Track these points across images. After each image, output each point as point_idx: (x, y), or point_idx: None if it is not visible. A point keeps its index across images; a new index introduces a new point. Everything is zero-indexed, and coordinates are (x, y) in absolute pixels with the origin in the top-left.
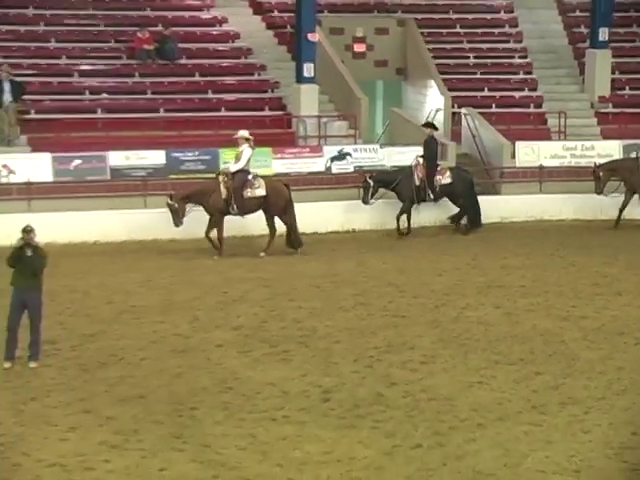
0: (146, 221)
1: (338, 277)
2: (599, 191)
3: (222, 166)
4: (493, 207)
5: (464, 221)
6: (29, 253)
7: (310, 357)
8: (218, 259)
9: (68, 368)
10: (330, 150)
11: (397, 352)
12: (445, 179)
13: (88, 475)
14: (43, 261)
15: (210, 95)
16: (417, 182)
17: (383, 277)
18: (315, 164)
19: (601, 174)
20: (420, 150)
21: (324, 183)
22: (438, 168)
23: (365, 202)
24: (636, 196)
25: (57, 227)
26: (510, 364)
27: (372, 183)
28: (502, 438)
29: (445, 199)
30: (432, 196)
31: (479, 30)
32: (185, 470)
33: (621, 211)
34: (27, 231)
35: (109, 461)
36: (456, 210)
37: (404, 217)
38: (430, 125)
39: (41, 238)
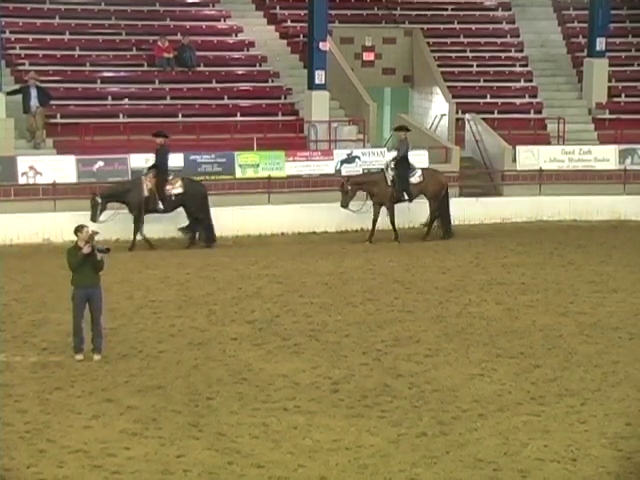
0: (166, 220)
1: (346, 274)
2: (345, 204)
3: (237, 168)
4: (495, 208)
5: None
6: (99, 257)
7: (320, 350)
8: None
9: (91, 360)
10: (340, 153)
11: (403, 345)
12: (176, 189)
13: (110, 461)
14: (103, 259)
15: (226, 101)
16: (146, 192)
17: (389, 274)
18: (326, 166)
19: (349, 188)
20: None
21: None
22: (169, 178)
23: (94, 220)
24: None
25: None
26: (510, 357)
27: (100, 200)
28: (502, 428)
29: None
30: (162, 206)
31: (482, 40)
32: (201, 457)
33: (374, 224)
34: (93, 237)
35: (129, 448)
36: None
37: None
38: (160, 135)
39: (66, 236)
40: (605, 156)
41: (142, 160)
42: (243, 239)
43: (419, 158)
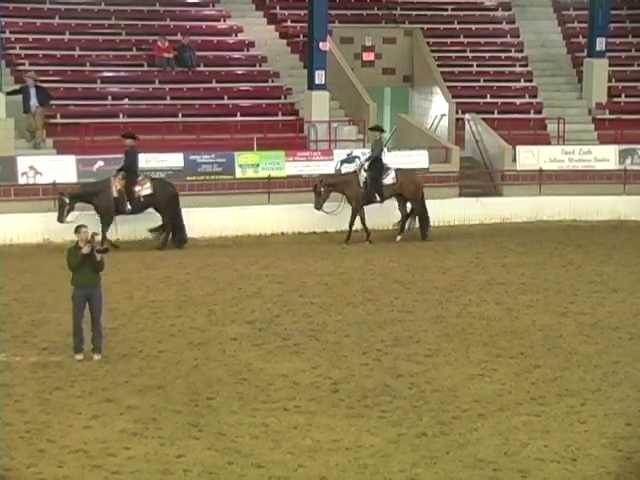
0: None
1: (346, 274)
2: (318, 206)
3: (237, 168)
4: (495, 208)
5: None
6: (99, 258)
7: (320, 350)
8: None
9: (91, 359)
10: (340, 153)
11: (403, 345)
12: (145, 190)
13: (110, 461)
14: (103, 260)
15: (226, 101)
16: (115, 194)
17: (389, 274)
18: (326, 167)
19: (322, 189)
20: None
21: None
22: (138, 179)
23: (60, 221)
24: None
25: None
26: (510, 357)
27: (68, 200)
28: (502, 428)
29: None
30: (130, 208)
31: (482, 40)
32: (201, 457)
33: (364, 225)
34: (93, 238)
35: (129, 448)
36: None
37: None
38: (129, 136)
39: (66, 236)
40: (605, 156)
41: (142, 160)
42: (243, 239)
43: (419, 158)
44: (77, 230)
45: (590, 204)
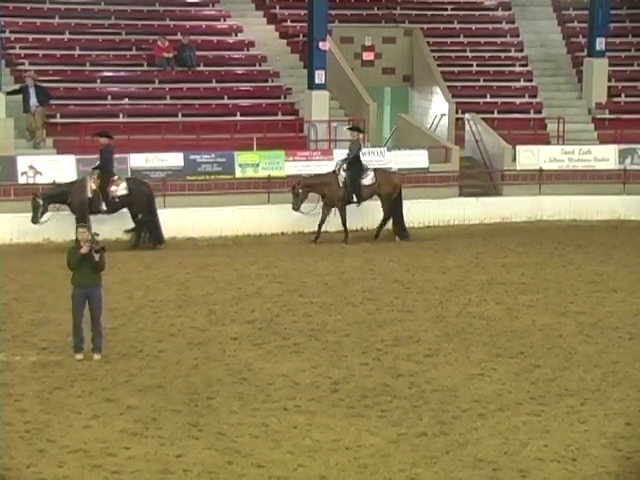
0: (165, 220)
1: (346, 274)
2: (296, 207)
3: (237, 168)
4: (495, 208)
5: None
6: (97, 258)
7: (320, 350)
8: None
9: (91, 359)
10: (340, 153)
11: (403, 345)
12: (121, 190)
13: (110, 461)
14: (103, 259)
15: (226, 100)
16: (89, 193)
17: (389, 274)
18: (326, 166)
19: (300, 190)
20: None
21: None
22: (114, 178)
23: (34, 222)
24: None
25: None
26: (510, 357)
27: (42, 201)
28: (502, 427)
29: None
30: (105, 208)
31: (482, 40)
32: (201, 457)
33: (320, 226)
34: (94, 238)
35: (129, 448)
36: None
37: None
38: (104, 135)
39: (66, 236)
40: (605, 156)
41: (142, 160)
42: (243, 239)
43: (419, 158)
44: (77, 230)
45: (590, 204)
